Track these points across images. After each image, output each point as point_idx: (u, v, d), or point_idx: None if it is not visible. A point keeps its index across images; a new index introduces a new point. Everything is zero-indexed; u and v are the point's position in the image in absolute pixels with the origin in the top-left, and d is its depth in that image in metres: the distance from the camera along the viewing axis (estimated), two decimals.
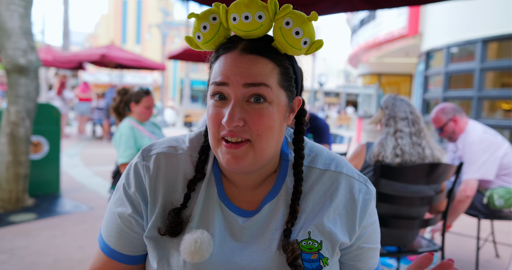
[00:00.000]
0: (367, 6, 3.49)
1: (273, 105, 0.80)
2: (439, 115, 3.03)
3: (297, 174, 0.86)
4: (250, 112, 0.78)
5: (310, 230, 0.83)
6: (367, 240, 0.90)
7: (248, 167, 0.80)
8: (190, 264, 0.81)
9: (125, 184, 0.89)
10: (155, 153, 0.90)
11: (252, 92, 0.78)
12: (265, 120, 0.78)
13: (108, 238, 0.90)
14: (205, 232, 0.82)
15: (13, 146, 4.12)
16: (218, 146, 0.81)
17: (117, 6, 34.54)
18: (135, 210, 0.88)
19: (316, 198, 0.86)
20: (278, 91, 0.81)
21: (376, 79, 18.47)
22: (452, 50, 8.70)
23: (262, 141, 0.79)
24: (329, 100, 43.24)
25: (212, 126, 0.80)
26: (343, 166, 0.90)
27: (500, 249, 3.45)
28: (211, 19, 0.80)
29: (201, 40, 0.82)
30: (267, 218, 0.85)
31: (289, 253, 0.79)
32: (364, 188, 0.89)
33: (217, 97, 0.80)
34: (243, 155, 0.79)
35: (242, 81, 0.77)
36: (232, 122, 0.76)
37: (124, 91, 3.27)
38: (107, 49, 10.66)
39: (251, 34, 0.79)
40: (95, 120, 11.40)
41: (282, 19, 0.78)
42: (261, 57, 0.79)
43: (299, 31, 0.77)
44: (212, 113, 0.80)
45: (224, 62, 0.79)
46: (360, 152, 2.42)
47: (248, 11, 0.76)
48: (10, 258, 2.95)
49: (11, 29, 3.97)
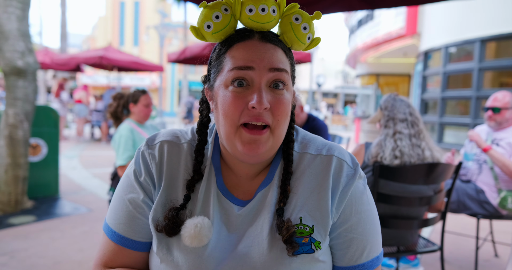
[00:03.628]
0: (365, 5, 3.49)
1: (289, 92, 0.85)
2: (507, 97, 2.96)
3: (287, 157, 0.89)
4: (274, 97, 0.81)
5: (301, 216, 0.84)
6: (351, 229, 0.86)
7: (265, 154, 0.83)
8: (188, 248, 0.82)
9: (136, 170, 0.91)
10: (159, 141, 0.92)
11: (276, 77, 0.81)
12: (285, 106, 0.82)
13: (118, 226, 0.90)
14: (206, 218, 0.84)
15: (12, 148, 4.11)
16: (237, 133, 0.81)
17: (115, 8, 34.50)
18: (146, 196, 0.89)
19: (307, 182, 0.87)
20: (290, 80, 0.86)
21: (374, 79, 18.50)
22: (450, 50, 8.72)
23: (280, 127, 0.82)
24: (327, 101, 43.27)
25: (233, 112, 0.80)
26: (335, 150, 0.90)
27: (499, 248, 3.46)
28: (223, 9, 0.83)
29: (211, 29, 0.83)
30: (260, 203, 0.87)
31: (284, 231, 0.80)
32: (352, 172, 0.88)
33: (236, 83, 0.81)
34: (265, 141, 0.81)
35: (268, 65, 0.81)
36: (263, 103, 0.78)
37: (119, 95, 3.27)
38: (105, 51, 10.64)
39: (264, 26, 0.83)
40: (94, 122, 11.38)
41: (291, 15, 0.83)
42: (278, 47, 0.84)
43: (306, 27, 0.84)
44: (233, 99, 0.80)
45: (245, 48, 0.82)
46: (359, 151, 2.42)
47: (265, 4, 0.81)
48: (9, 260, 2.95)
49: (9, 32, 3.96)
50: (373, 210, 0.91)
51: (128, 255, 0.90)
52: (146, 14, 33.73)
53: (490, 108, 3.01)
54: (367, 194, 0.90)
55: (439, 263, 2.59)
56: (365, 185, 0.91)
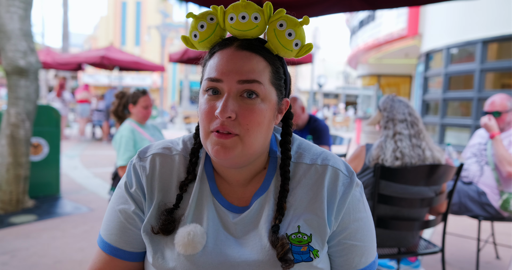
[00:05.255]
0: (367, 6, 3.49)
1: (264, 102, 0.83)
2: (505, 100, 2.94)
3: (284, 174, 0.88)
4: (242, 106, 0.81)
5: (299, 224, 0.85)
6: (350, 237, 0.89)
7: (236, 159, 0.83)
8: (183, 256, 0.83)
9: (127, 183, 0.93)
10: (151, 153, 0.94)
11: (245, 88, 0.81)
12: (256, 115, 0.81)
13: (110, 237, 0.92)
14: (198, 226, 0.85)
15: (13, 147, 4.11)
16: (208, 138, 0.83)
17: (116, 8, 34.53)
18: (137, 207, 0.91)
19: (303, 192, 0.88)
20: (270, 89, 0.84)
21: (375, 80, 18.48)
22: (452, 51, 8.70)
23: (251, 136, 0.81)
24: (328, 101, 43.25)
25: (205, 119, 0.83)
26: (330, 159, 0.91)
27: (501, 250, 3.45)
28: (209, 19, 0.85)
29: (197, 38, 0.86)
30: (257, 213, 0.88)
31: (279, 248, 0.81)
32: (348, 181, 0.89)
33: (210, 91, 0.83)
34: (232, 147, 0.81)
35: (236, 78, 0.80)
36: (226, 112, 0.78)
37: (121, 94, 3.27)
38: (107, 51, 10.65)
39: (246, 34, 0.84)
40: (95, 121, 11.39)
41: (276, 21, 0.82)
42: (255, 54, 0.83)
43: (291, 33, 0.82)
44: (206, 107, 0.83)
45: (220, 58, 0.83)
46: (359, 153, 2.41)
47: (245, 11, 0.81)
48: (10, 259, 2.95)
49: (11, 31, 3.97)
50: (369, 217, 0.93)
51: (119, 265, 0.92)
52: (147, 14, 33.77)
53: (490, 113, 3.00)
54: (363, 202, 0.92)
55: (440, 265, 2.58)
56: (362, 193, 0.92)
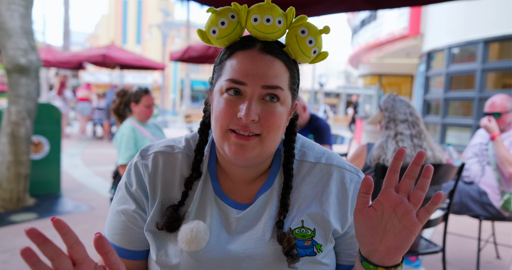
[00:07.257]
0: (368, 6, 3.48)
1: (283, 105, 0.85)
2: (505, 101, 2.94)
3: (288, 171, 0.90)
4: (264, 110, 0.82)
5: (303, 219, 0.87)
6: None
7: (252, 159, 0.84)
8: (187, 252, 0.84)
9: (127, 182, 0.93)
10: (153, 152, 0.94)
11: (268, 92, 0.82)
12: (277, 118, 0.83)
13: (112, 236, 0.93)
14: (201, 222, 0.85)
15: (14, 146, 4.12)
16: (226, 137, 0.83)
17: (118, 6, 34.54)
18: (138, 206, 0.92)
19: (308, 189, 0.90)
20: (287, 93, 0.86)
21: (376, 79, 18.48)
22: (453, 51, 8.69)
23: (271, 137, 0.83)
24: (329, 101, 43.22)
25: (223, 119, 0.82)
26: (334, 159, 0.94)
27: (501, 250, 3.45)
28: (230, 16, 0.83)
29: (216, 34, 0.84)
30: (261, 208, 0.89)
31: (285, 243, 0.82)
32: (356, 178, 0.93)
33: (232, 91, 0.83)
34: (252, 147, 0.82)
35: (261, 82, 0.81)
36: (250, 116, 0.79)
37: (123, 92, 3.26)
38: (108, 49, 10.66)
39: (268, 36, 0.84)
40: (96, 120, 11.40)
41: (298, 27, 0.83)
42: (277, 59, 0.84)
43: (312, 40, 0.84)
44: (225, 107, 0.82)
45: (243, 60, 0.83)
46: (360, 153, 2.41)
47: (271, 14, 0.81)
48: (11, 257, 2.95)
49: (12, 29, 3.97)
50: None
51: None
52: (149, 13, 33.77)
53: (490, 114, 3.00)
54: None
55: (441, 265, 2.58)
56: None
